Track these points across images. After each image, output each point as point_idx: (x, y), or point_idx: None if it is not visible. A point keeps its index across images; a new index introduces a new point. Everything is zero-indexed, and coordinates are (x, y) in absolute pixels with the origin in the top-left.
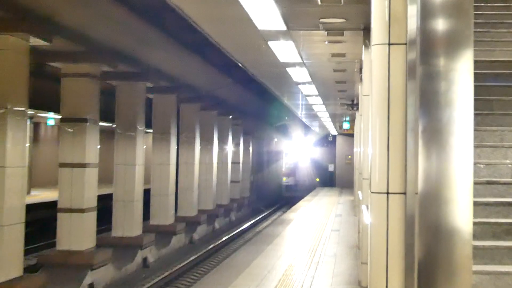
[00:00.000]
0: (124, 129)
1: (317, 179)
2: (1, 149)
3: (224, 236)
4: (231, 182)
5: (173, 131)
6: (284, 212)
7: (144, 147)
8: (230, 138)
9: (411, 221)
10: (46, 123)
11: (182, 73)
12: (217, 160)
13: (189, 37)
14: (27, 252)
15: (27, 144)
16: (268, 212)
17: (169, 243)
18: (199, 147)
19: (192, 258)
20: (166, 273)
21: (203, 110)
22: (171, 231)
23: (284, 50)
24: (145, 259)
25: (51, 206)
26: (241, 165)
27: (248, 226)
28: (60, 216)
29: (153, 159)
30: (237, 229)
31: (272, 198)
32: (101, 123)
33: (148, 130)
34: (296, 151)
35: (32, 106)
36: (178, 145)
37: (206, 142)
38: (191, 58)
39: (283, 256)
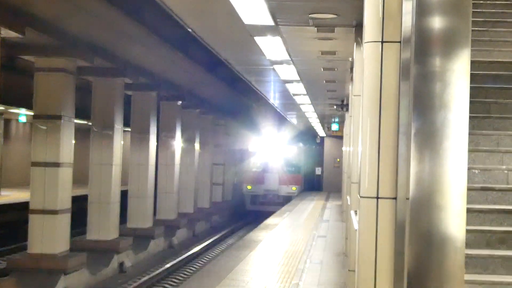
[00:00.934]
0: (101, 127)
1: (294, 188)
2: None
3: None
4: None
5: (153, 130)
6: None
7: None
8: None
9: (402, 228)
10: (17, 119)
11: (163, 70)
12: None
13: (170, 31)
14: None
15: None
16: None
17: (147, 247)
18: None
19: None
20: (144, 279)
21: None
22: (149, 235)
23: (271, 47)
24: (121, 264)
25: (22, 208)
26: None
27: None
28: (32, 217)
29: (131, 159)
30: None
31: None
32: (76, 121)
33: (127, 129)
34: (270, 152)
35: (2, 102)
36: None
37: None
38: (172, 54)
39: (267, 262)
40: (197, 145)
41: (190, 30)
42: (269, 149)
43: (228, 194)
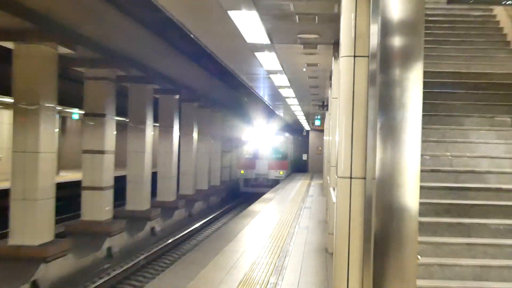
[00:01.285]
0: (135, 123)
1: (281, 172)
2: (35, 138)
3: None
4: None
5: (176, 125)
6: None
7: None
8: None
9: (369, 201)
10: (71, 117)
11: (183, 78)
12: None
13: (189, 47)
14: (56, 222)
15: (56, 133)
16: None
17: (172, 216)
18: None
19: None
20: (170, 240)
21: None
22: (174, 207)
23: (268, 60)
24: (152, 229)
25: (76, 185)
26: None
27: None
28: (84, 193)
29: (159, 147)
30: None
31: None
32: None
33: (155, 124)
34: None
35: (59, 103)
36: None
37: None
38: (191, 65)
39: (265, 228)
40: (210, 137)
41: (204, 47)
42: (260, 139)
43: (234, 175)
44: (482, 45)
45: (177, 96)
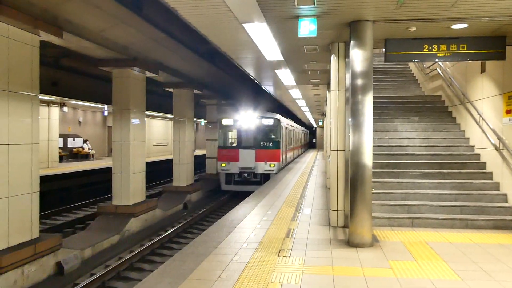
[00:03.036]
0: (178, 117)
1: (272, 165)
2: (127, 131)
3: None
4: None
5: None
6: None
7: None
8: None
9: (347, 162)
10: (102, 112)
11: (208, 81)
12: None
13: (221, 61)
14: (152, 187)
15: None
16: None
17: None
18: None
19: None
20: (202, 210)
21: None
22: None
23: (294, 93)
24: (187, 203)
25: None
26: None
27: None
28: (174, 166)
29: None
30: None
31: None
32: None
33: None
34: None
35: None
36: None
37: None
38: (220, 73)
39: (296, 174)
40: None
41: (236, 64)
42: (244, 122)
43: None
44: (402, 82)
45: (215, 101)
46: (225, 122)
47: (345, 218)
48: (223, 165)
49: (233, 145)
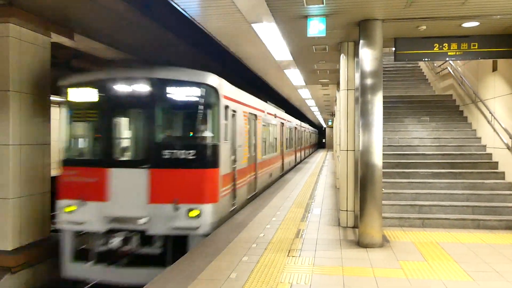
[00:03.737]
0: None
1: (193, 213)
2: None
3: None
4: None
5: None
6: None
7: None
8: None
9: (357, 161)
10: None
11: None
12: None
13: (234, 66)
14: None
15: None
16: None
17: None
18: None
19: None
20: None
21: None
22: None
23: (304, 93)
24: None
25: None
26: None
27: None
28: None
29: None
30: None
31: None
32: None
33: None
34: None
35: None
36: None
37: None
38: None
39: (306, 175)
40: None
41: (245, 64)
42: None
43: None
44: (412, 81)
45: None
46: (76, 95)
47: (355, 219)
48: (68, 209)
49: (95, 157)
